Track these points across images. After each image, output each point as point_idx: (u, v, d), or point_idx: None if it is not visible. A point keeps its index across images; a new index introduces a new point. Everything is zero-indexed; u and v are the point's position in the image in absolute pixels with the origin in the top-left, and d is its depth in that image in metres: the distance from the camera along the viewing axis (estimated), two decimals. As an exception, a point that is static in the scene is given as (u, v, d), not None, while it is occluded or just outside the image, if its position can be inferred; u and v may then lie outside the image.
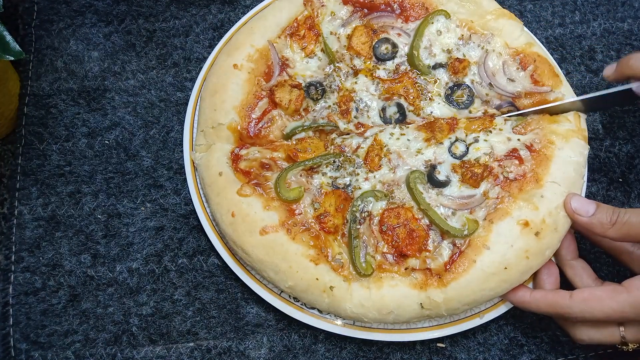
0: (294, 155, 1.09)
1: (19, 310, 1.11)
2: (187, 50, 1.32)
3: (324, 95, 1.16)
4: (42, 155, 1.22)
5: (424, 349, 1.09)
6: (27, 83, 1.27)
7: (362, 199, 1.05)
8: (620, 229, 0.94)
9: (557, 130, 1.06)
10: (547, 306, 0.95)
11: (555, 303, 0.94)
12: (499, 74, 1.14)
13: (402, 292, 0.99)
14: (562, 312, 0.93)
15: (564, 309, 0.93)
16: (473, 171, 1.04)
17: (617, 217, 0.94)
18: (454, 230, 1.00)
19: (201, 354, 1.09)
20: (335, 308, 1.01)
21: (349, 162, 1.10)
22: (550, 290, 0.98)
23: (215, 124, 1.11)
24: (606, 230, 0.95)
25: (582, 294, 0.92)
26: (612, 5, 1.36)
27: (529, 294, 0.98)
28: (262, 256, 1.01)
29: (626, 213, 0.93)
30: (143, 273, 1.14)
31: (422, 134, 1.11)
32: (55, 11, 1.34)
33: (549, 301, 0.95)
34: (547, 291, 0.98)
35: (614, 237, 0.95)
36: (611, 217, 0.94)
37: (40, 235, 1.15)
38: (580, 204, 0.98)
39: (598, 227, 0.96)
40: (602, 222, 0.95)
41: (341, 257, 1.02)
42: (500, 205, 1.01)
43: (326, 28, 1.20)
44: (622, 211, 0.94)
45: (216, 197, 1.07)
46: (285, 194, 1.04)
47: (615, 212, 0.94)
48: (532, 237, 0.98)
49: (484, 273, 0.97)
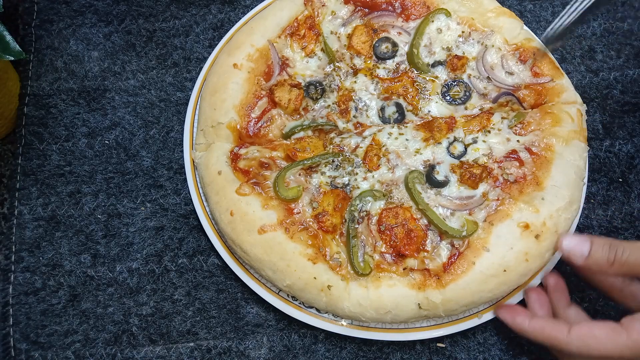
0: (293, 154, 1.09)
1: (19, 310, 1.11)
2: (187, 50, 1.32)
3: (324, 94, 1.16)
4: (42, 155, 1.22)
5: (424, 349, 1.09)
6: (27, 83, 1.27)
7: (361, 198, 1.05)
8: (621, 268, 0.90)
9: (558, 132, 1.06)
10: (545, 338, 0.93)
11: (552, 337, 0.92)
12: (497, 68, 1.15)
13: (400, 292, 0.99)
14: (559, 346, 0.91)
15: (561, 343, 0.91)
16: (472, 172, 1.04)
17: (614, 256, 0.90)
18: (452, 231, 1.00)
19: (201, 354, 1.09)
20: (333, 307, 1.01)
21: (347, 162, 1.10)
22: (549, 321, 0.95)
23: (215, 123, 1.11)
24: (605, 270, 0.92)
25: (580, 331, 0.90)
26: (612, 5, 1.36)
27: (528, 322, 0.96)
28: (260, 255, 1.01)
29: (624, 250, 0.89)
30: (143, 273, 1.14)
31: (421, 134, 1.11)
32: (55, 11, 1.34)
33: (547, 334, 0.93)
34: (546, 322, 0.95)
35: (614, 275, 0.93)
36: (608, 255, 0.90)
37: (40, 235, 1.16)
38: (574, 245, 0.94)
39: (596, 268, 0.92)
40: (599, 263, 0.91)
41: (339, 257, 1.02)
42: (501, 207, 1.01)
43: (326, 27, 1.20)
44: (619, 247, 0.90)
45: (215, 196, 1.07)
46: (284, 193, 1.04)
47: (612, 248, 0.90)
48: (532, 240, 0.98)
49: (482, 275, 0.97)
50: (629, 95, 1.27)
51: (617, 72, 1.29)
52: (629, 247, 0.90)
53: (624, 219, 1.17)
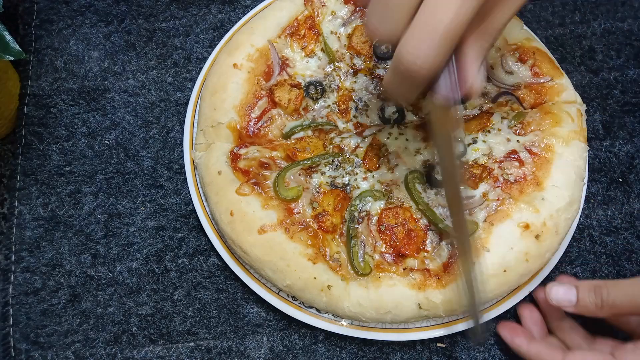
0: (293, 154, 1.09)
1: (19, 310, 1.11)
2: (187, 50, 1.32)
3: (324, 94, 1.16)
4: (42, 155, 1.22)
5: (424, 349, 1.09)
6: (27, 83, 1.27)
7: (361, 198, 1.05)
8: (610, 311, 0.92)
9: (558, 132, 1.05)
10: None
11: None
12: (497, 68, 1.15)
13: (400, 292, 0.99)
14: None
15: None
16: (471, 172, 1.04)
17: (601, 300, 0.92)
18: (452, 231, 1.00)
19: (201, 353, 1.09)
20: (333, 307, 1.01)
21: (347, 162, 1.10)
22: (545, 347, 0.97)
23: (215, 123, 1.11)
24: (596, 314, 0.93)
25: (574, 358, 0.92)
26: (612, 5, 1.36)
27: (527, 344, 0.99)
28: (260, 255, 1.01)
29: (609, 293, 0.91)
30: (143, 273, 1.14)
31: (421, 134, 1.11)
32: (55, 11, 1.34)
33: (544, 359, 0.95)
34: (544, 347, 0.97)
35: (605, 317, 0.95)
36: (594, 300, 0.92)
37: (40, 235, 1.16)
38: (561, 296, 0.96)
39: (587, 312, 0.94)
40: (589, 309, 0.93)
41: (339, 256, 1.02)
42: (501, 207, 1.01)
43: (326, 27, 1.20)
44: (603, 290, 0.92)
45: (215, 196, 1.07)
46: (283, 193, 1.04)
47: (598, 294, 0.92)
48: (532, 240, 0.98)
49: (482, 275, 0.97)
50: (629, 95, 1.27)
51: (617, 72, 1.29)
52: (612, 288, 0.91)
53: (624, 219, 1.17)
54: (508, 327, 1.04)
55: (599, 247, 1.15)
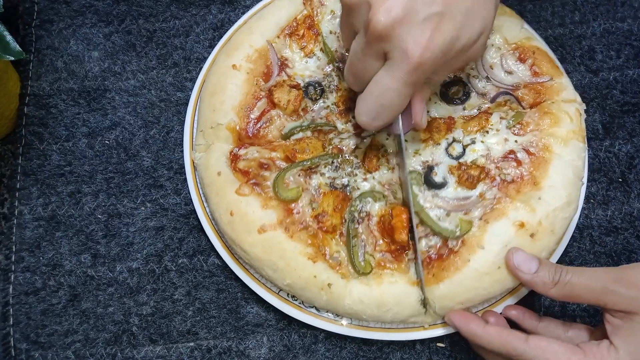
0: (292, 155, 1.09)
1: (19, 310, 1.11)
2: (187, 50, 1.32)
3: (323, 95, 1.16)
4: (42, 155, 1.22)
5: (424, 349, 1.09)
6: (27, 83, 1.27)
7: (361, 199, 1.06)
8: (562, 290, 0.90)
9: (557, 132, 1.05)
10: (500, 345, 0.90)
11: (508, 343, 0.89)
12: (496, 67, 1.14)
13: (401, 288, 0.99)
14: (515, 354, 0.88)
15: (517, 351, 0.88)
16: (469, 173, 1.03)
17: (559, 277, 0.90)
18: (446, 232, 1.00)
19: (201, 353, 1.09)
20: (333, 305, 1.01)
21: (347, 163, 1.10)
22: (505, 329, 0.94)
23: (214, 125, 1.11)
24: (548, 289, 0.92)
25: (539, 342, 0.87)
26: (612, 5, 1.36)
27: (482, 327, 0.94)
28: (260, 254, 1.01)
29: (568, 273, 0.90)
30: (143, 273, 1.14)
31: (420, 135, 1.11)
32: (55, 11, 1.35)
33: (503, 340, 0.90)
34: (502, 329, 0.93)
35: (555, 296, 0.92)
36: (554, 276, 0.91)
37: (41, 235, 1.16)
38: (523, 261, 0.94)
39: (540, 285, 0.92)
40: (544, 281, 0.92)
41: (339, 255, 1.02)
42: (497, 206, 1.01)
43: (326, 27, 1.20)
44: (564, 270, 0.90)
45: (215, 197, 1.07)
46: (283, 193, 1.04)
47: (558, 271, 0.91)
48: (527, 239, 0.98)
49: (477, 272, 0.97)
50: (629, 95, 1.27)
51: (617, 72, 1.29)
52: (572, 270, 0.90)
53: (624, 219, 1.17)
54: (460, 314, 0.98)
55: (599, 247, 1.15)
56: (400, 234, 1.01)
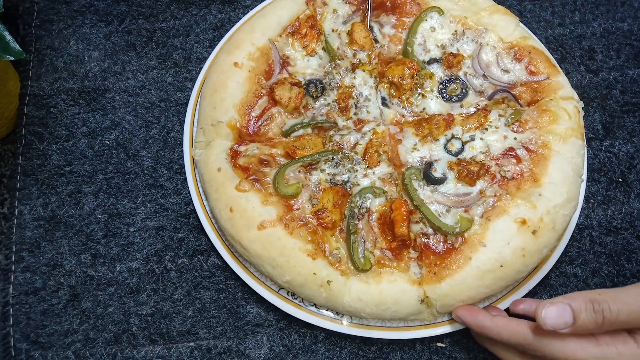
0: (293, 152, 1.09)
1: (19, 310, 1.11)
2: (187, 50, 1.32)
3: (324, 92, 1.16)
4: (42, 155, 1.22)
5: (424, 349, 1.09)
6: (28, 83, 1.27)
7: (361, 195, 1.06)
8: (611, 327, 0.84)
9: (555, 129, 1.06)
10: (509, 335, 0.89)
11: (518, 332, 0.88)
12: (493, 66, 1.15)
13: (401, 287, 0.99)
14: (525, 343, 0.88)
15: (527, 340, 0.87)
16: (469, 169, 1.04)
17: (602, 317, 0.83)
18: (446, 227, 1.00)
19: (201, 353, 1.09)
20: (332, 302, 1.01)
21: (347, 159, 1.10)
22: (513, 319, 0.92)
23: (215, 122, 1.11)
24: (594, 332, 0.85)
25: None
26: (612, 5, 1.36)
27: (490, 319, 0.93)
28: (259, 251, 1.01)
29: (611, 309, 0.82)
30: (143, 273, 1.14)
31: (418, 131, 1.11)
32: (55, 11, 1.34)
33: (512, 330, 0.89)
34: (510, 319, 0.92)
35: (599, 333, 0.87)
36: (594, 317, 0.83)
37: (41, 235, 1.16)
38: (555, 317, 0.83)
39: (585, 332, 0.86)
40: (588, 328, 0.84)
41: (338, 252, 1.02)
42: (498, 203, 1.01)
43: (328, 26, 1.21)
44: (603, 305, 0.83)
45: (215, 193, 1.07)
46: (283, 189, 1.04)
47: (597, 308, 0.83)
48: (529, 235, 0.98)
49: (479, 270, 0.97)
50: (628, 95, 1.27)
51: (617, 72, 1.29)
52: (613, 302, 0.83)
53: (624, 219, 1.17)
54: (467, 308, 0.98)
55: (599, 247, 1.15)
56: (400, 227, 1.01)
